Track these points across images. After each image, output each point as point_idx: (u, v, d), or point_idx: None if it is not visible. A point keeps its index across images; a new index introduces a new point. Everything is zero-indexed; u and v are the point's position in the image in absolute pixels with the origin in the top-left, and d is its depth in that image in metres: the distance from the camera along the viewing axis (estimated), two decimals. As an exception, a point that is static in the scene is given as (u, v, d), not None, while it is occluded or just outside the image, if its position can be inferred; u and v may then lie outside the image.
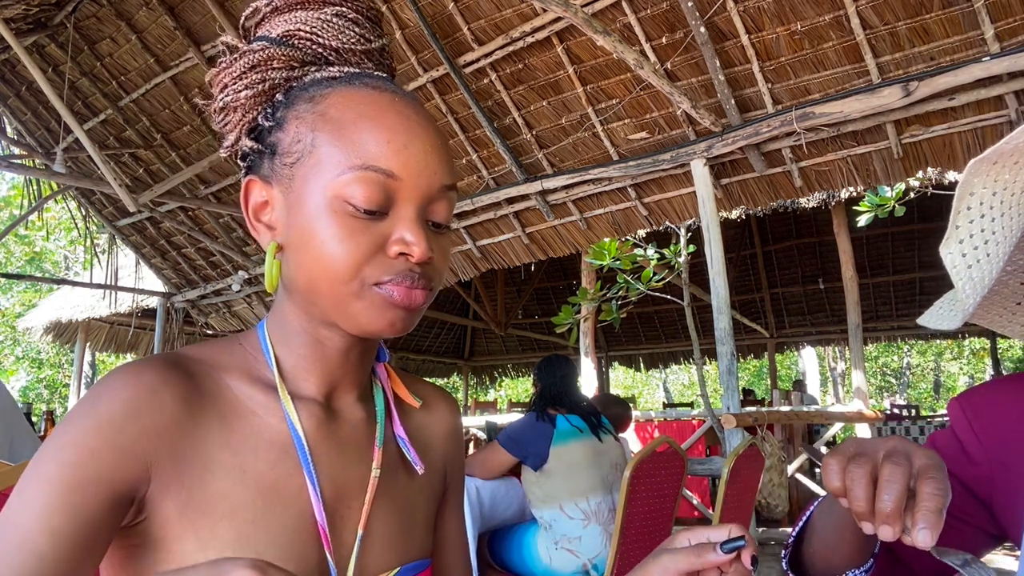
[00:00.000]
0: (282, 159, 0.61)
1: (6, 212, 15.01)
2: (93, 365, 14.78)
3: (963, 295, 0.71)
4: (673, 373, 22.27)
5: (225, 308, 7.37)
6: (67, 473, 0.53)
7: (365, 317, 0.60)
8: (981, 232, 0.70)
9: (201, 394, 0.60)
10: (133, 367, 0.58)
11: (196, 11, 4.77)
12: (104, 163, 4.54)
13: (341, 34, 0.66)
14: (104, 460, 0.54)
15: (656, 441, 2.45)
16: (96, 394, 0.56)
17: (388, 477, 0.67)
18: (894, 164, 3.64)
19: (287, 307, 0.66)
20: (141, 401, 0.56)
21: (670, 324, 11.42)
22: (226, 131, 0.66)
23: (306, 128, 0.60)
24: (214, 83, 0.65)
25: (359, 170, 0.58)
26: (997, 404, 0.81)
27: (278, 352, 0.66)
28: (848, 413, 5.63)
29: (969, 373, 19.68)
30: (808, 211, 6.78)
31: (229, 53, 0.66)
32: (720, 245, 3.91)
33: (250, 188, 0.64)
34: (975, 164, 0.65)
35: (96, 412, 0.55)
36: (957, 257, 0.71)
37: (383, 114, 0.60)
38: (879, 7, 3.24)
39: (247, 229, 5.94)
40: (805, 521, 0.81)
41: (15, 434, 1.87)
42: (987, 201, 0.68)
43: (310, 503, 0.61)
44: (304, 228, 0.59)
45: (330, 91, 0.62)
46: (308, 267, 0.60)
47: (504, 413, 9.01)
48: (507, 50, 4.15)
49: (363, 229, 0.58)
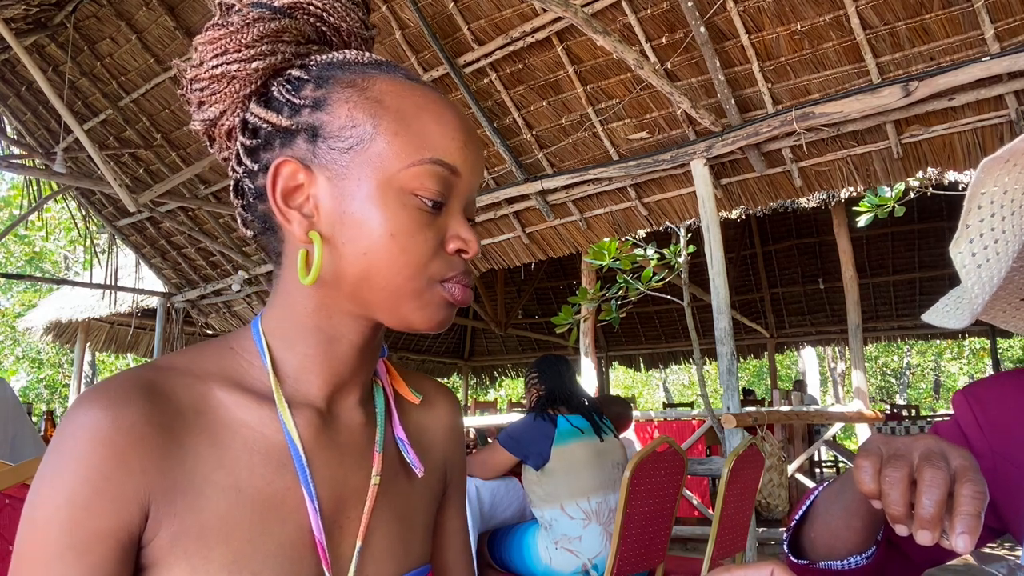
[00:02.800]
0: (330, 143, 0.57)
1: (6, 212, 15.01)
2: (93, 365, 14.79)
3: (972, 294, 0.71)
4: (673, 373, 22.26)
5: (225, 308, 7.37)
6: (68, 537, 0.50)
7: (419, 314, 0.58)
8: (991, 231, 0.70)
9: (184, 415, 0.55)
10: (101, 400, 0.52)
11: (196, 11, 4.77)
12: (104, 163, 4.54)
13: (348, 16, 0.63)
14: (102, 514, 0.51)
15: (656, 441, 2.45)
16: (70, 441, 0.51)
17: (387, 483, 0.65)
18: (894, 164, 3.64)
19: (302, 302, 0.60)
20: (120, 443, 0.51)
21: (670, 324, 11.41)
22: (211, 102, 0.59)
23: (363, 114, 0.57)
24: (208, 47, 0.58)
25: (428, 163, 0.57)
26: (1002, 398, 0.81)
27: (277, 353, 0.61)
28: (848, 413, 5.63)
29: (969, 373, 19.67)
30: (808, 211, 6.78)
31: (224, 14, 0.60)
32: (720, 245, 3.91)
33: (281, 169, 0.58)
34: (988, 163, 0.64)
35: (77, 463, 0.50)
36: (967, 256, 0.71)
37: (442, 110, 0.59)
38: (879, 7, 3.24)
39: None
40: (808, 506, 0.81)
41: (17, 433, 1.87)
42: (998, 200, 0.68)
43: (308, 517, 0.58)
44: (363, 218, 0.56)
45: (374, 77, 0.59)
46: (365, 260, 0.56)
47: (504, 413, 9.01)
48: (507, 50, 4.15)
49: (427, 223, 0.57)
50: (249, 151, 0.60)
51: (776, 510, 4.01)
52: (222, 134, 0.62)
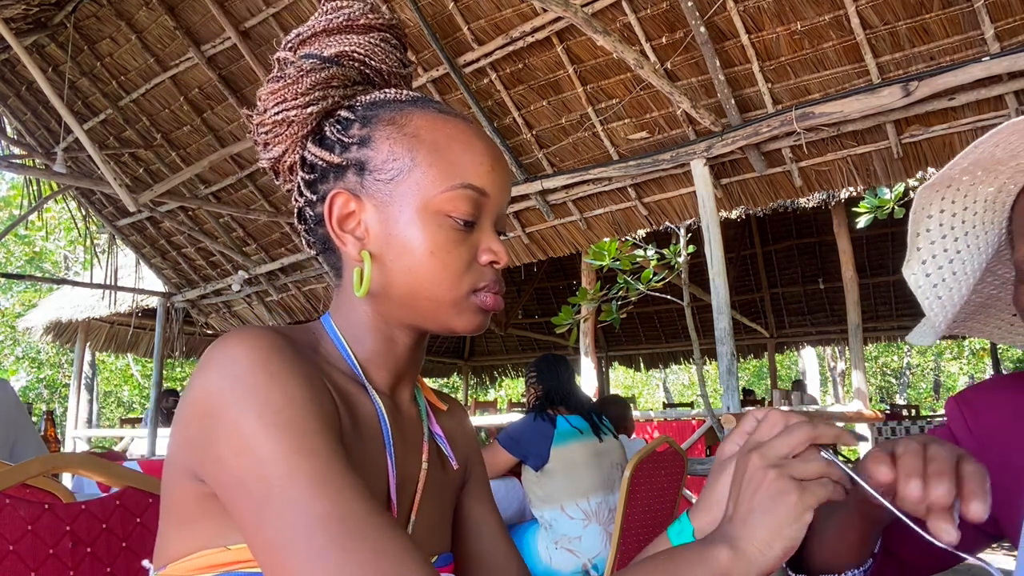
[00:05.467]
0: (375, 175, 0.66)
1: (6, 212, 15.01)
2: (93, 365, 14.78)
3: (931, 313, 0.73)
4: (673, 373, 22.27)
5: (225, 308, 7.37)
6: (317, 408, 0.55)
7: (458, 320, 0.66)
8: (944, 252, 0.71)
9: (318, 369, 0.63)
10: (258, 329, 0.59)
11: (196, 11, 4.77)
12: (104, 163, 4.54)
13: (388, 57, 0.73)
14: (322, 402, 0.57)
15: (656, 441, 2.45)
16: (258, 353, 0.56)
17: (431, 471, 0.73)
18: (894, 164, 3.64)
19: (361, 308, 0.69)
20: (293, 355, 0.58)
21: (670, 324, 11.42)
22: (274, 143, 0.69)
23: (402, 148, 0.66)
24: (270, 96, 0.67)
25: (459, 188, 0.65)
26: (994, 403, 0.81)
27: (351, 346, 0.70)
28: (848, 413, 5.63)
29: (969, 373, 19.68)
30: (808, 211, 6.78)
31: (281, 68, 0.70)
32: (720, 245, 3.91)
33: (335, 200, 0.67)
34: (925, 191, 0.67)
35: (271, 372, 0.55)
36: (921, 277, 0.73)
37: (471, 139, 0.68)
38: (879, 7, 3.24)
39: (246, 230, 5.90)
40: None
41: (19, 434, 1.87)
42: (948, 222, 0.70)
43: (387, 486, 0.65)
44: (405, 240, 0.65)
45: (411, 114, 0.68)
46: (409, 275, 0.65)
47: (504, 413, 9.01)
48: (507, 50, 4.15)
49: (462, 241, 0.66)
50: (308, 184, 0.70)
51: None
52: (285, 169, 0.72)
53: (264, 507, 0.51)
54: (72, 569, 0.85)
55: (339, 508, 0.50)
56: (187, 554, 0.58)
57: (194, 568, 0.58)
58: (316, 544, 0.49)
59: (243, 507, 0.52)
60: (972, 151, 0.65)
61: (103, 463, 0.96)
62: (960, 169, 0.65)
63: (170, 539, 0.60)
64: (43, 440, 2.07)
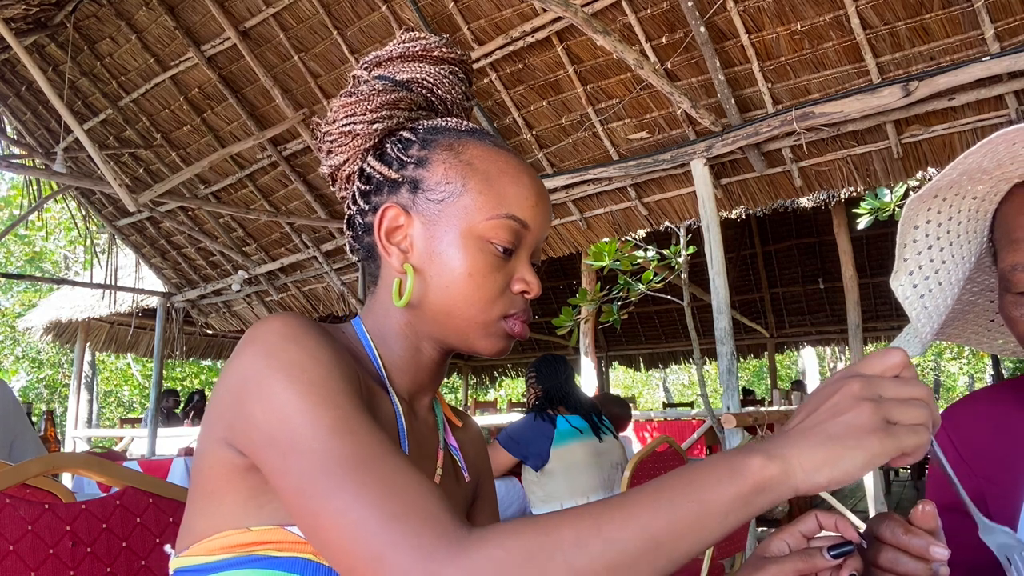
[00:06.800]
0: (428, 195, 0.70)
1: (6, 212, 15.01)
2: (93, 365, 14.77)
3: (919, 324, 0.73)
4: (673, 373, 22.27)
5: (225, 308, 7.37)
6: (346, 384, 0.58)
7: (483, 342, 0.70)
8: (931, 263, 0.72)
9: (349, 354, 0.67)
10: (294, 315, 0.63)
11: (196, 11, 4.77)
12: (104, 163, 4.53)
13: (454, 89, 0.77)
14: (351, 379, 0.60)
15: (656, 441, 2.45)
16: (283, 335, 0.59)
17: (444, 479, 0.75)
18: (894, 164, 3.64)
19: (395, 316, 0.73)
20: (323, 334, 0.62)
21: (670, 324, 11.41)
22: (338, 152, 0.74)
23: (455, 173, 0.70)
24: (341, 109, 0.72)
25: (504, 218, 0.69)
26: (975, 417, 0.82)
27: (378, 350, 0.73)
28: (848, 413, 5.62)
29: (969, 373, 19.68)
30: (808, 211, 6.77)
31: (356, 84, 0.75)
32: (720, 245, 3.91)
33: (387, 212, 0.71)
34: (914, 202, 0.68)
35: (301, 344, 0.58)
36: (908, 289, 0.73)
37: (520, 174, 0.72)
38: (879, 7, 3.24)
39: (246, 230, 5.87)
40: None
41: (17, 435, 1.87)
42: (933, 233, 0.71)
43: None
44: (447, 258, 0.69)
45: (467, 143, 0.72)
46: (446, 292, 0.69)
47: (504, 413, 9.00)
48: (507, 50, 4.15)
49: (499, 267, 0.69)
50: (363, 194, 0.74)
51: (776, 510, 4.01)
52: (343, 177, 0.76)
53: (290, 455, 0.54)
54: (72, 569, 0.85)
55: (358, 450, 0.53)
56: (211, 533, 0.60)
57: (216, 548, 0.59)
58: (335, 482, 0.51)
59: (272, 460, 0.55)
60: (962, 162, 0.65)
61: (103, 463, 0.96)
62: (949, 180, 0.66)
63: (195, 516, 0.62)
64: (43, 440, 2.07)
